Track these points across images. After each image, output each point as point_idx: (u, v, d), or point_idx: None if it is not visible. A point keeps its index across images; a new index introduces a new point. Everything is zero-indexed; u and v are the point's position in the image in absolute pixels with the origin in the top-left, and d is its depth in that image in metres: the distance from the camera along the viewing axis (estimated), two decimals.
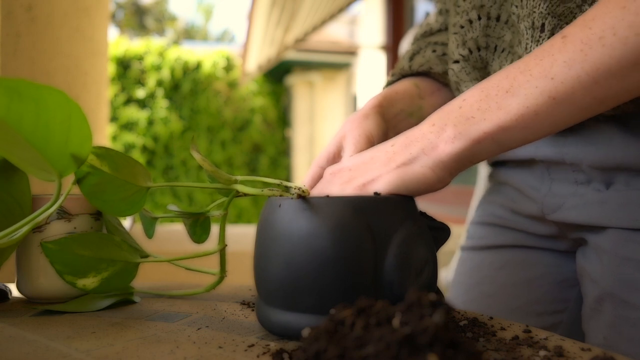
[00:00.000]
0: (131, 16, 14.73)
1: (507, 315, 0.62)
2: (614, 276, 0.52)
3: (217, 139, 6.22)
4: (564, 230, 0.58)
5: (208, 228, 0.55)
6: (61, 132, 0.39)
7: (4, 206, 0.47)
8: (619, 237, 0.52)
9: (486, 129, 0.41)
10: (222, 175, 0.44)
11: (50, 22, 1.37)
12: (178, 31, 16.00)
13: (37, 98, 0.37)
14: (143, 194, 0.46)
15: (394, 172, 0.42)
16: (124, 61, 5.92)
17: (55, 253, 0.42)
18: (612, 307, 0.52)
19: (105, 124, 2.01)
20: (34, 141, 0.38)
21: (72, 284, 0.43)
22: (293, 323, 0.38)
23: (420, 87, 0.63)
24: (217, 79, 6.30)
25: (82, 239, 0.43)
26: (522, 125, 0.41)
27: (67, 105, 0.38)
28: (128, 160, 0.46)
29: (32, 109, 0.37)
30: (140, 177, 0.46)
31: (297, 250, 0.38)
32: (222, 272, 0.51)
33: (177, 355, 0.36)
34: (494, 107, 0.41)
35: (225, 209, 0.48)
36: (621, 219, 0.51)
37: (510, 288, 0.63)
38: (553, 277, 0.62)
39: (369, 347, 0.25)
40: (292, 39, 4.21)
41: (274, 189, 0.43)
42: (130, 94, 5.90)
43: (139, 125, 5.83)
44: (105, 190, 0.43)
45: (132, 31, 14.22)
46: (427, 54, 0.67)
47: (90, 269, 0.43)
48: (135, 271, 0.46)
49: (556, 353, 0.35)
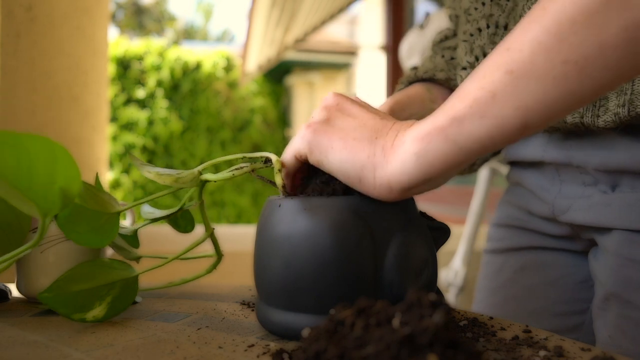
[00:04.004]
0: (131, 16, 14.73)
1: (532, 318, 0.62)
2: (618, 276, 0.52)
3: (217, 139, 6.22)
4: (576, 231, 0.59)
5: (191, 218, 0.56)
6: (45, 175, 0.39)
7: (1, 218, 0.47)
8: (624, 238, 0.52)
9: (438, 123, 0.35)
10: (184, 178, 0.44)
11: (50, 22, 1.37)
12: (178, 31, 16.00)
13: (16, 145, 0.38)
14: (115, 220, 0.46)
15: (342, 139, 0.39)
16: (124, 61, 5.91)
17: (54, 299, 0.42)
18: (616, 307, 0.53)
19: (105, 124, 2.01)
20: (16, 184, 0.39)
21: (82, 319, 0.43)
22: (293, 323, 0.38)
23: (432, 91, 0.63)
24: (217, 79, 6.30)
25: (73, 276, 0.43)
26: (479, 113, 0.34)
27: (51, 149, 0.39)
28: (92, 190, 0.46)
29: (12, 156, 0.38)
30: (108, 204, 0.47)
31: (297, 250, 0.38)
32: (218, 253, 0.51)
33: (177, 355, 0.36)
34: (454, 98, 0.36)
35: (200, 198, 0.48)
36: (626, 221, 0.52)
37: (532, 290, 0.64)
38: (572, 277, 0.62)
39: (368, 347, 0.25)
40: (292, 39, 4.20)
41: (243, 165, 0.43)
42: (130, 94, 5.89)
43: (139, 125, 5.82)
44: (77, 221, 0.43)
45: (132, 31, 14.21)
46: (436, 60, 0.68)
47: (92, 300, 0.43)
48: (136, 284, 0.46)
49: (556, 353, 0.35)
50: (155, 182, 0.50)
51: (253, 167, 0.42)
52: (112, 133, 5.66)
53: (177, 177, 0.44)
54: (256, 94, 6.64)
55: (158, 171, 0.45)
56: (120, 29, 14.24)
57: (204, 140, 6.10)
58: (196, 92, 6.17)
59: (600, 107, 0.50)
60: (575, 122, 0.51)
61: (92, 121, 1.80)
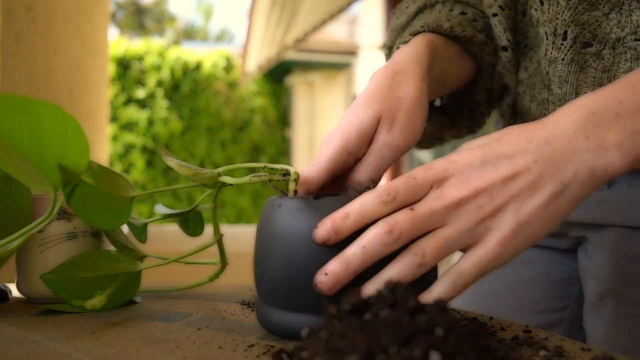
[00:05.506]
0: (131, 16, 14.73)
1: (511, 313, 0.62)
2: (616, 273, 0.52)
3: (217, 139, 6.22)
4: (564, 229, 0.58)
5: (201, 221, 0.55)
6: (57, 146, 0.39)
7: (3, 208, 0.47)
8: (621, 234, 0.52)
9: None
10: (204, 175, 0.44)
11: (51, 22, 1.37)
12: (178, 31, 16.00)
13: (30, 112, 0.37)
14: (128, 205, 0.46)
15: (535, 208, 0.34)
16: (124, 61, 5.91)
17: (57, 282, 0.42)
18: (613, 304, 0.53)
19: (106, 124, 2.01)
20: (28, 154, 0.38)
21: (81, 307, 0.43)
22: (293, 323, 0.38)
23: (450, 49, 0.53)
24: (217, 79, 6.30)
25: (78, 262, 0.44)
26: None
27: (62, 120, 0.38)
28: (108, 173, 0.46)
29: (25, 123, 0.37)
30: (123, 188, 0.47)
31: (296, 250, 0.38)
32: (223, 261, 0.51)
33: (177, 355, 0.36)
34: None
35: (214, 202, 0.48)
36: (623, 218, 0.52)
37: (513, 286, 0.64)
38: (555, 275, 0.62)
39: (367, 347, 0.25)
40: (292, 39, 4.20)
41: (261, 174, 0.42)
42: (130, 94, 5.89)
43: (139, 125, 5.82)
44: (89, 202, 0.43)
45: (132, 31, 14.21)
46: (455, 15, 0.55)
47: (94, 288, 0.43)
48: (138, 279, 0.46)
49: (556, 353, 0.35)
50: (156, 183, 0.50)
51: (271, 177, 0.41)
52: (112, 133, 5.66)
53: (197, 172, 0.44)
54: (256, 94, 6.64)
55: (180, 162, 0.44)
56: (120, 29, 14.24)
57: (204, 140, 6.10)
58: (196, 92, 6.17)
59: None
60: None
61: (92, 121, 1.80)
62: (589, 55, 0.50)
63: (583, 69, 0.50)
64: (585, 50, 0.50)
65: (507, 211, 0.34)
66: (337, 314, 0.28)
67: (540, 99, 0.54)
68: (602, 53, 0.49)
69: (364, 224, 0.35)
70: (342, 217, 0.34)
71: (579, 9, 0.48)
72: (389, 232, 0.33)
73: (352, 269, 0.34)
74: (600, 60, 0.50)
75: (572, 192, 0.34)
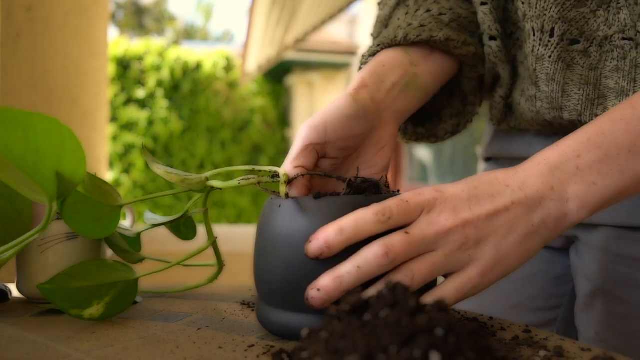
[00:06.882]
0: (131, 16, 14.73)
1: (507, 311, 0.62)
2: (607, 273, 0.53)
3: (217, 139, 6.22)
4: None
5: (193, 225, 0.56)
6: (52, 157, 0.39)
7: (2, 213, 0.47)
8: (611, 234, 0.52)
9: (607, 196, 0.38)
10: (192, 180, 0.44)
11: (50, 22, 1.37)
12: (178, 31, 16.00)
13: (25, 125, 0.38)
14: (116, 214, 0.46)
15: (511, 245, 0.38)
16: (123, 61, 5.91)
17: (54, 291, 0.42)
18: (603, 303, 0.53)
19: (105, 124, 2.01)
20: (23, 167, 0.38)
21: (79, 316, 0.43)
22: (293, 323, 0.38)
23: (410, 52, 0.53)
24: (217, 79, 6.30)
25: (75, 272, 0.43)
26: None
27: (58, 131, 0.39)
28: (96, 181, 0.46)
29: (20, 136, 0.38)
30: (111, 196, 0.47)
31: (296, 250, 0.38)
32: (220, 262, 0.51)
33: (177, 355, 0.36)
34: (616, 171, 0.38)
35: (204, 205, 0.48)
36: (614, 218, 0.52)
37: (508, 285, 0.64)
38: (549, 273, 0.62)
39: (367, 347, 0.25)
40: (292, 39, 4.20)
41: (250, 177, 0.43)
42: (130, 94, 5.89)
43: (139, 125, 5.82)
44: (80, 211, 0.43)
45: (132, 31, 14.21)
46: (420, 14, 0.55)
47: (91, 297, 0.43)
48: (136, 287, 0.46)
49: (556, 353, 0.35)
50: (156, 183, 0.50)
51: (259, 179, 0.42)
52: (112, 133, 5.66)
53: (185, 178, 0.44)
54: (256, 94, 6.64)
55: (167, 169, 0.45)
56: (120, 29, 14.23)
57: (204, 140, 6.10)
58: (196, 92, 6.17)
59: (598, 105, 0.50)
60: (573, 119, 0.51)
61: (91, 121, 1.80)
62: (576, 53, 0.50)
63: (570, 66, 0.50)
64: (572, 48, 0.49)
65: (488, 244, 0.37)
66: (337, 314, 0.28)
67: (529, 95, 0.54)
68: (589, 50, 0.49)
69: (357, 241, 0.36)
70: (336, 232, 0.36)
71: (567, 4, 0.48)
72: (386, 255, 0.35)
73: (345, 287, 0.35)
74: (587, 57, 0.49)
75: (541, 235, 0.38)
